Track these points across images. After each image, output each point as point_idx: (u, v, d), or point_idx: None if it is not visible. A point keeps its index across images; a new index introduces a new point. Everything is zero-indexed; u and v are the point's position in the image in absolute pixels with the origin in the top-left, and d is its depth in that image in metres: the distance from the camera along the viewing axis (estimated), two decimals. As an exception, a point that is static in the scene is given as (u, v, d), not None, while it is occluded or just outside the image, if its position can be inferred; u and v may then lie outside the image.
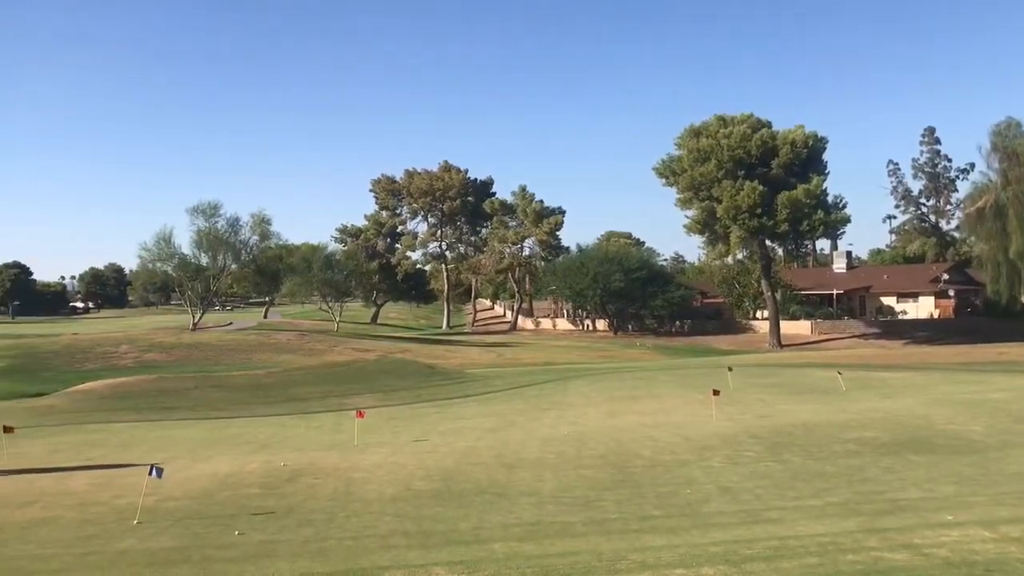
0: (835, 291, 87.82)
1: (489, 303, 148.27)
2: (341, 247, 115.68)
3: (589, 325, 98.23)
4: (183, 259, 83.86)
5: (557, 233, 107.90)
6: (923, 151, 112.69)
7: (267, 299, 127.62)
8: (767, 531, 10.76)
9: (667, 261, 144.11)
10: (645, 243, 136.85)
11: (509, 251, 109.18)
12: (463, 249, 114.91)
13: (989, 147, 62.48)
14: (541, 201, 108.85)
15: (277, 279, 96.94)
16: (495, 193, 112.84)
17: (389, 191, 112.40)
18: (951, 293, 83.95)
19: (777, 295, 79.19)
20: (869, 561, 9.31)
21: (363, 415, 21.94)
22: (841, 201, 73.93)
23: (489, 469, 15.67)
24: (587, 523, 11.50)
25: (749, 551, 9.84)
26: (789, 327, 79.43)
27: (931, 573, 8.86)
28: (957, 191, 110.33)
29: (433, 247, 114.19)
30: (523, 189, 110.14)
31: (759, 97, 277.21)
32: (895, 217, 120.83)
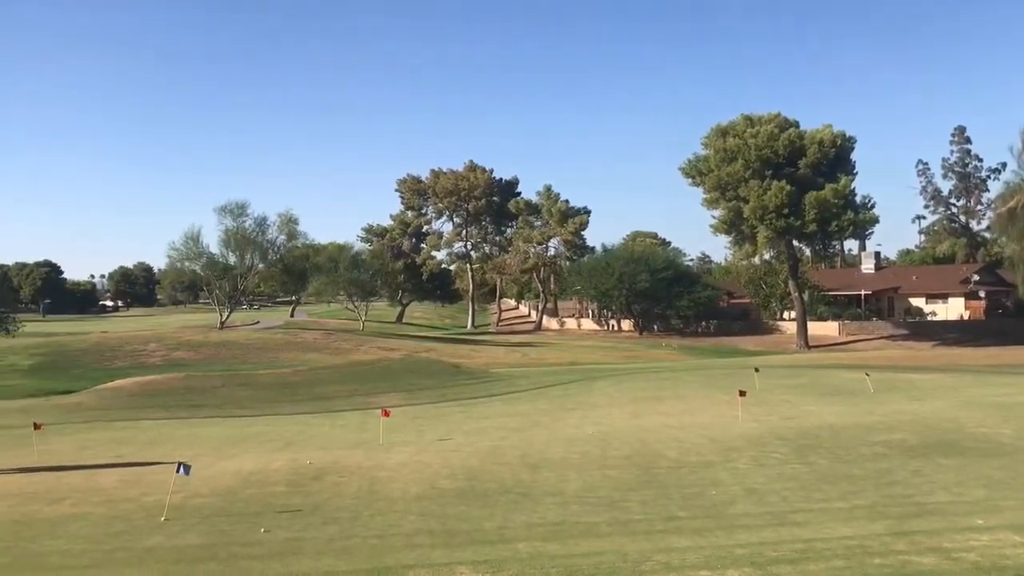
0: (863, 292, 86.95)
1: (514, 303, 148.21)
2: (367, 247, 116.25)
3: (614, 325, 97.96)
4: (211, 258, 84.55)
5: (582, 233, 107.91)
6: (953, 150, 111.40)
7: (294, 298, 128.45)
8: (793, 533, 10.67)
9: (693, 261, 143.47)
10: (671, 243, 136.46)
11: (534, 251, 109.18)
12: (488, 249, 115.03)
13: (1021, 146, 61.41)
14: (566, 201, 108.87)
15: (304, 278, 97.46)
16: (520, 193, 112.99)
17: (415, 191, 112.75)
18: (981, 294, 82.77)
19: (804, 296, 78.60)
20: (897, 565, 9.21)
21: (388, 414, 22.00)
22: (869, 201, 73.30)
23: (514, 469, 15.66)
24: (612, 523, 11.46)
25: (775, 553, 9.77)
26: (816, 328, 78.80)
27: (960, 578, 8.76)
28: (988, 191, 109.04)
29: (458, 247, 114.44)
30: (548, 189, 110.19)
31: (786, 97, 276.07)
32: (924, 217, 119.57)
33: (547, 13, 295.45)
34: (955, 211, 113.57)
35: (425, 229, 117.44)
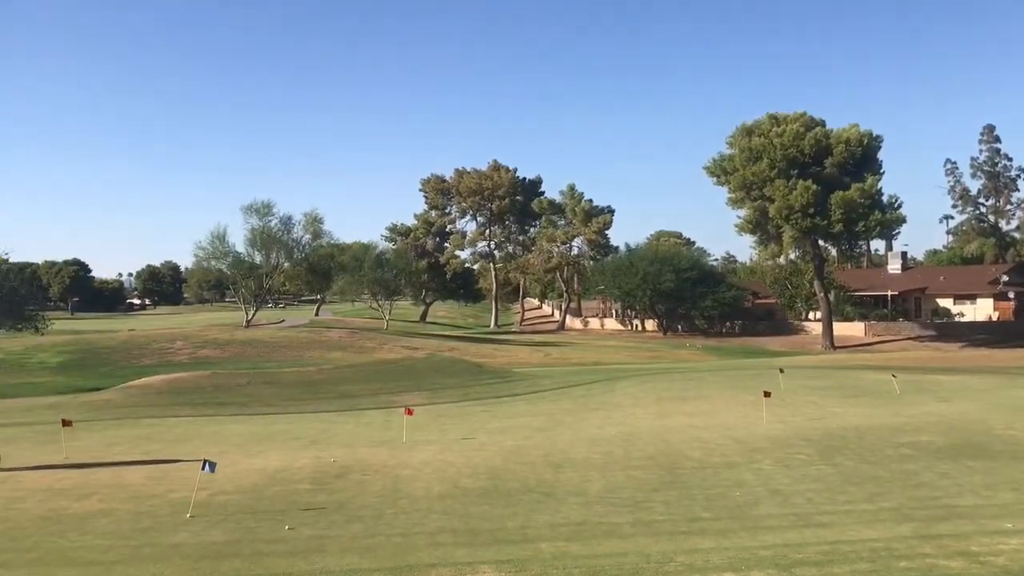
0: (890, 292, 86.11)
1: (537, 302, 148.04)
2: (391, 246, 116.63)
3: (638, 325, 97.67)
4: (237, 257, 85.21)
5: (606, 232, 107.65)
6: (982, 150, 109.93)
7: (318, 297, 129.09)
8: (818, 535, 10.60)
9: (718, 261, 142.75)
10: (695, 243, 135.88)
11: (557, 250, 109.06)
12: (511, 248, 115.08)
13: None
14: (590, 200, 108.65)
15: (329, 277, 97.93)
16: (544, 192, 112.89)
17: (438, 190, 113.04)
18: (1011, 295, 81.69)
19: (830, 296, 78.00)
20: (923, 568, 9.13)
21: (412, 413, 22.06)
22: (896, 201, 72.56)
23: (536, 468, 15.66)
24: (635, 524, 11.43)
25: (799, 555, 9.71)
26: (842, 328, 78.16)
27: (988, 582, 8.67)
28: (1017, 190, 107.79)
29: (481, 246, 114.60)
30: (572, 188, 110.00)
31: (812, 96, 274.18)
32: (952, 217, 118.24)
33: (572, 13, 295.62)
34: (984, 211, 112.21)
35: (449, 228, 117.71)
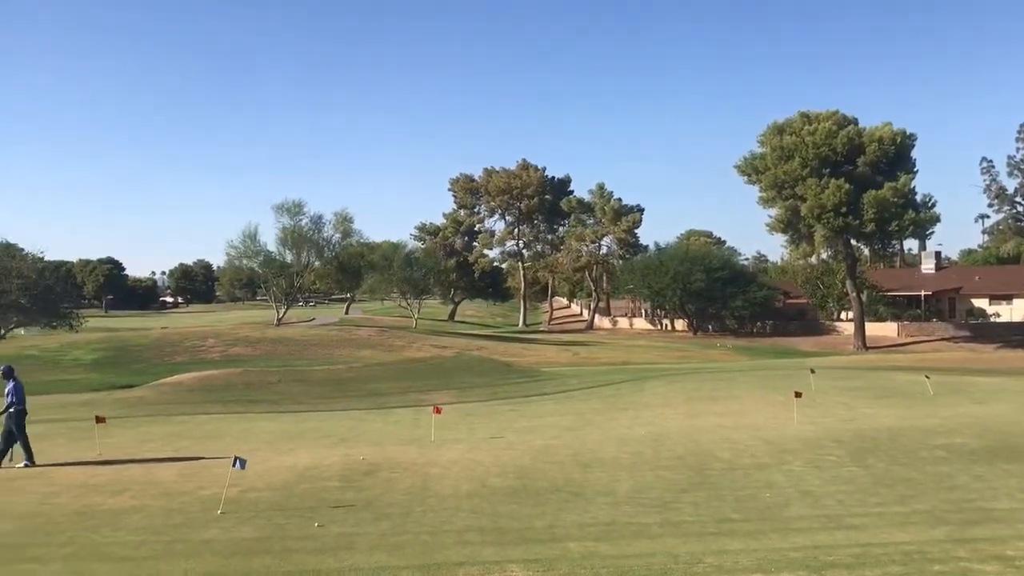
0: (923, 292, 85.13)
1: (566, 301, 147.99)
2: (420, 245, 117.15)
3: (667, 325, 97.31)
4: (268, 256, 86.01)
5: (635, 231, 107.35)
6: (1019, 148, 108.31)
7: (348, 296, 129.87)
8: (849, 537, 10.48)
9: (749, 261, 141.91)
10: (726, 242, 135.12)
11: (586, 249, 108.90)
12: (540, 247, 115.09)
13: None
14: (619, 199, 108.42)
15: (358, 276, 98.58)
16: (573, 191, 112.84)
17: (467, 190, 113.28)
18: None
19: (863, 296, 77.23)
20: (957, 572, 8.99)
21: (440, 411, 22.07)
22: (930, 200, 71.93)
23: (565, 468, 15.62)
24: (663, 524, 11.37)
25: (830, 558, 9.60)
26: (875, 329, 77.38)
27: (1024, 586, 8.52)
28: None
29: (510, 245, 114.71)
30: (601, 187, 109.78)
31: (845, 94, 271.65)
32: (988, 216, 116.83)
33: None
34: (1021, 209, 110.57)
35: (477, 228, 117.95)
